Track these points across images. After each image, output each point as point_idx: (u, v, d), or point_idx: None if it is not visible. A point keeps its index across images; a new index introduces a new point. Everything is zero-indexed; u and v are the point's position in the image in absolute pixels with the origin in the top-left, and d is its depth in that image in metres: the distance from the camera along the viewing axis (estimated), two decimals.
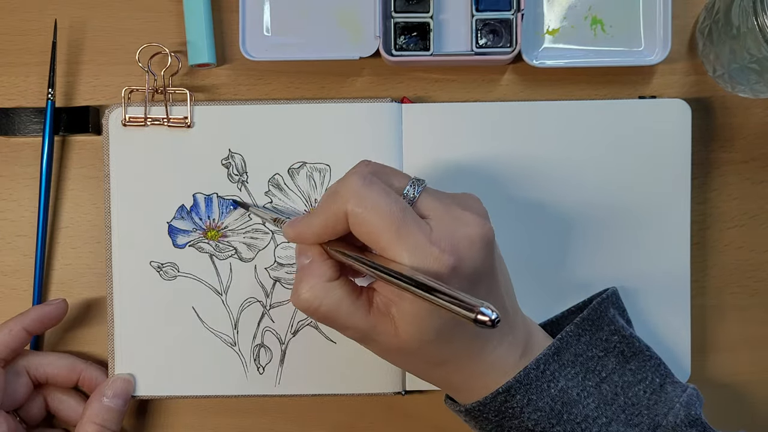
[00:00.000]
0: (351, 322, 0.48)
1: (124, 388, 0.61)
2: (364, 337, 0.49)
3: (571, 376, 0.51)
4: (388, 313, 0.48)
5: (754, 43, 0.55)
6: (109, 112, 0.61)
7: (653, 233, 0.61)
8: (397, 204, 0.46)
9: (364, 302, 0.49)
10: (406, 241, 0.45)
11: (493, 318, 0.38)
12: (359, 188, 0.46)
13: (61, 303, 0.61)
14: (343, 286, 0.49)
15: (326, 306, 0.48)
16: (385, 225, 0.45)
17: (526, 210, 0.61)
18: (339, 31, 0.63)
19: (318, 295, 0.48)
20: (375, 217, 0.46)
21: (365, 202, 0.46)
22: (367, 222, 0.46)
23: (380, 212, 0.46)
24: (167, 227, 0.61)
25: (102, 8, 0.64)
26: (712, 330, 0.64)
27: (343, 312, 0.48)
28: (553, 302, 0.61)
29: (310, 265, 0.49)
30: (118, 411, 0.60)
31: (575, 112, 0.61)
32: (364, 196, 0.46)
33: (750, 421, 0.64)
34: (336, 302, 0.48)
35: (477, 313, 0.39)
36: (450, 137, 0.61)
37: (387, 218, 0.45)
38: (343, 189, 0.47)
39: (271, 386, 0.62)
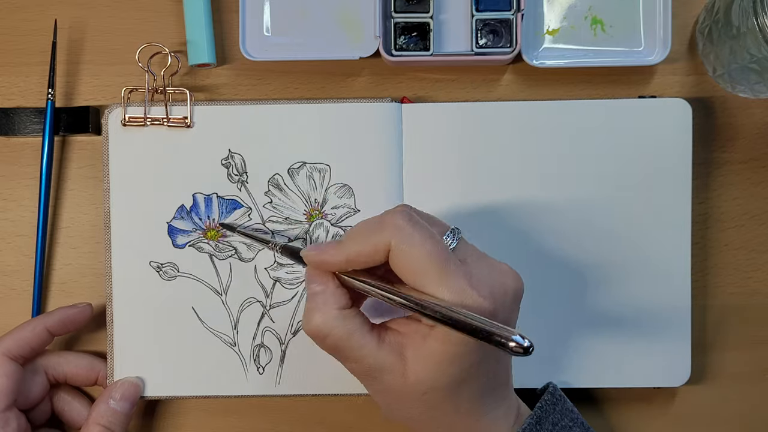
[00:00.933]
0: (359, 355, 0.48)
1: (132, 391, 0.60)
2: (367, 373, 0.49)
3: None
4: (400, 354, 0.48)
5: (754, 43, 0.55)
6: (108, 112, 0.61)
7: (653, 233, 0.61)
8: (441, 245, 0.47)
9: (375, 337, 0.48)
10: (448, 281, 0.46)
11: (525, 345, 0.40)
12: (405, 224, 0.47)
13: (85, 307, 0.61)
14: (355, 317, 0.49)
15: (337, 335, 0.48)
16: (431, 263, 0.46)
17: (525, 210, 0.61)
18: (339, 31, 0.63)
19: (330, 324, 0.48)
20: (421, 255, 0.46)
21: (411, 239, 0.46)
22: (411, 258, 0.46)
23: (426, 251, 0.46)
24: (167, 227, 0.61)
25: (102, 8, 0.64)
26: (712, 330, 0.64)
27: (353, 343, 0.48)
28: (553, 301, 0.61)
29: (324, 293, 0.49)
30: (124, 414, 0.60)
31: (575, 112, 0.61)
32: (410, 233, 0.47)
33: (750, 421, 0.64)
34: (348, 332, 0.48)
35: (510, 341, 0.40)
36: (450, 137, 0.61)
37: (433, 257, 0.46)
38: (387, 223, 0.47)
39: (271, 386, 0.62)
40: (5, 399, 0.57)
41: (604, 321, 0.61)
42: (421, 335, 0.47)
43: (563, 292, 0.61)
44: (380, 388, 0.50)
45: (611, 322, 0.61)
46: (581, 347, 0.61)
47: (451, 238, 0.49)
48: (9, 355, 0.58)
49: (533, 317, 0.61)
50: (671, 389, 0.64)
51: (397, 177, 0.61)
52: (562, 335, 0.61)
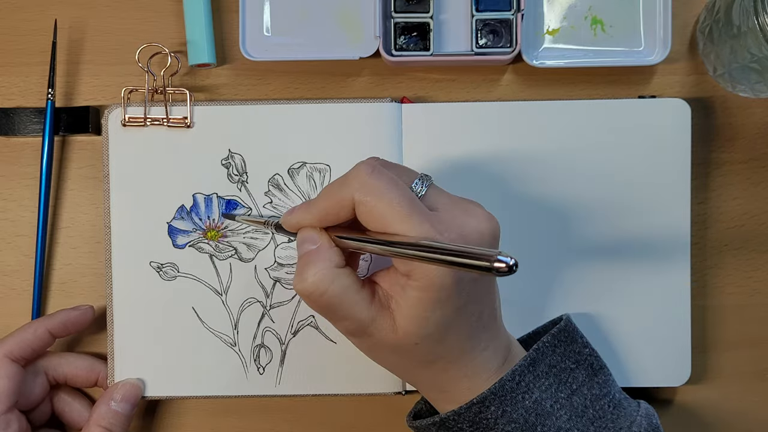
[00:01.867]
0: (352, 313, 0.48)
1: (133, 392, 0.60)
2: (359, 331, 0.49)
3: (545, 387, 0.52)
4: (388, 307, 0.48)
5: (755, 42, 0.55)
6: (108, 112, 0.61)
7: (653, 233, 0.61)
8: (405, 194, 0.46)
9: (368, 293, 0.48)
10: (414, 227, 0.45)
11: (510, 263, 0.37)
12: (367, 177, 0.47)
13: (87, 309, 0.61)
14: (350, 275, 0.48)
15: (332, 292, 0.47)
16: (394, 214, 0.45)
17: (525, 210, 0.61)
18: (339, 31, 0.63)
19: (325, 280, 0.47)
20: (383, 206, 0.46)
21: (373, 191, 0.46)
22: (375, 210, 0.46)
23: (388, 201, 0.46)
24: (167, 227, 0.61)
25: (102, 8, 0.64)
26: (712, 330, 0.64)
27: (347, 300, 0.48)
28: (554, 302, 0.61)
29: (318, 250, 0.48)
30: (125, 415, 0.60)
31: (575, 112, 0.61)
32: (372, 185, 0.46)
33: (750, 421, 0.64)
34: (342, 289, 0.48)
35: (495, 261, 0.37)
36: (450, 137, 0.61)
37: (395, 205, 0.46)
38: (350, 177, 0.47)
39: (272, 386, 0.62)
40: (6, 400, 0.57)
41: (604, 321, 0.61)
42: (401, 286, 0.47)
43: (563, 293, 0.61)
44: (373, 345, 0.50)
45: (611, 322, 0.61)
46: None
47: (420, 185, 0.49)
48: (10, 357, 0.58)
49: (533, 317, 0.61)
50: (671, 389, 0.64)
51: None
52: None
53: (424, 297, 0.46)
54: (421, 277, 0.46)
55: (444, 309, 0.47)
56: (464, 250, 0.40)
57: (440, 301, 0.46)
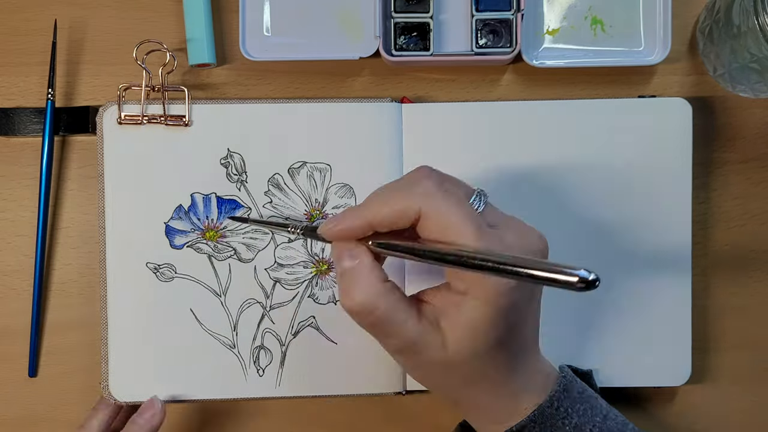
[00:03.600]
0: (401, 330, 0.47)
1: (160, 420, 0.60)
2: (406, 348, 0.48)
3: (582, 412, 0.51)
4: (437, 326, 0.47)
5: (755, 42, 0.55)
6: (102, 110, 0.61)
7: (654, 233, 0.61)
8: (472, 211, 0.46)
9: (415, 310, 0.47)
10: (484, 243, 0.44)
11: (590, 279, 0.37)
12: (435, 191, 0.46)
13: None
14: (396, 290, 0.47)
15: (382, 310, 0.46)
16: (465, 230, 0.45)
17: (525, 210, 0.61)
18: (339, 31, 0.63)
19: (374, 299, 0.46)
20: (454, 222, 0.45)
21: (443, 205, 0.45)
22: (444, 222, 0.45)
23: (459, 218, 0.45)
24: (164, 228, 0.61)
25: (102, 8, 0.64)
26: (712, 330, 0.64)
27: (396, 318, 0.46)
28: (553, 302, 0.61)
29: (360, 266, 0.47)
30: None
31: (575, 111, 0.61)
32: (441, 199, 0.46)
33: (750, 421, 0.64)
34: (392, 306, 0.46)
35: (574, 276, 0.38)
36: (450, 137, 0.61)
37: (467, 223, 0.45)
38: (416, 187, 0.46)
39: (272, 388, 0.62)
40: None
41: (605, 321, 0.61)
42: (455, 304, 0.46)
43: (562, 293, 0.61)
44: (419, 362, 0.49)
45: (611, 322, 0.61)
46: (581, 347, 0.61)
47: (479, 202, 0.48)
48: None
49: None
50: (671, 389, 0.64)
51: (397, 177, 0.61)
52: (563, 335, 0.61)
53: (481, 316, 0.46)
54: (480, 295, 0.45)
55: (498, 328, 0.46)
56: (547, 264, 0.40)
57: (495, 321, 0.46)
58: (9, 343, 0.64)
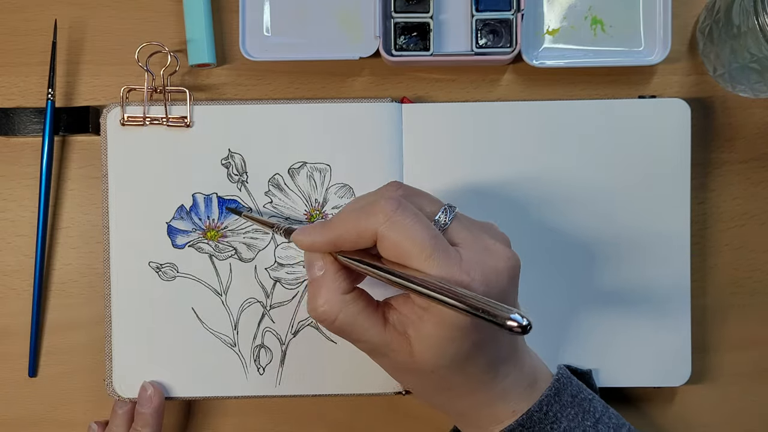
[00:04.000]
0: (366, 337, 0.48)
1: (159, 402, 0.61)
2: (375, 352, 0.49)
3: (572, 416, 0.51)
4: (404, 333, 0.47)
5: (755, 42, 0.55)
6: (107, 111, 0.61)
7: (653, 233, 0.61)
8: (429, 231, 0.46)
9: (380, 317, 0.48)
10: (436, 270, 0.45)
11: (524, 324, 0.38)
12: (392, 212, 0.46)
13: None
14: (358, 300, 0.48)
15: (342, 320, 0.48)
16: (418, 252, 0.45)
17: (525, 210, 0.61)
18: (339, 31, 0.63)
19: (334, 309, 0.48)
20: (408, 243, 0.45)
21: (398, 227, 0.46)
22: (398, 247, 0.45)
23: (413, 239, 0.45)
24: (166, 227, 0.61)
25: (102, 8, 0.64)
26: (712, 330, 0.64)
27: (358, 326, 0.48)
28: (553, 302, 0.61)
29: (324, 277, 0.49)
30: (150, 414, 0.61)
31: (575, 112, 0.61)
32: (396, 221, 0.46)
33: (750, 421, 0.64)
34: (352, 316, 0.48)
35: (507, 320, 0.38)
36: (450, 137, 0.61)
37: (419, 245, 0.45)
38: (375, 209, 0.46)
39: (272, 387, 0.62)
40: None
41: (604, 321, 0.61)
42: (418, 316, 0.47)
43: (563, 292, 0.61)
44: (389, 365, 0.50)
45: (611, 322, 0.61)
46: (581, 347, 0.61)
47: (445, 217, 0.48)
48: None
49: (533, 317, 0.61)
50: (671, 389, 0.64)
51: (397, 177, 0.61)
52: (563, 335, 0.61)
53: (440, 333, 0.46)
54: (438, 314, 0.45)
55: (461, 345, 0.46)
56: (480, 303, 0.40)
57: (456, 339, 0.46)
58: (9, 343, 0.64)
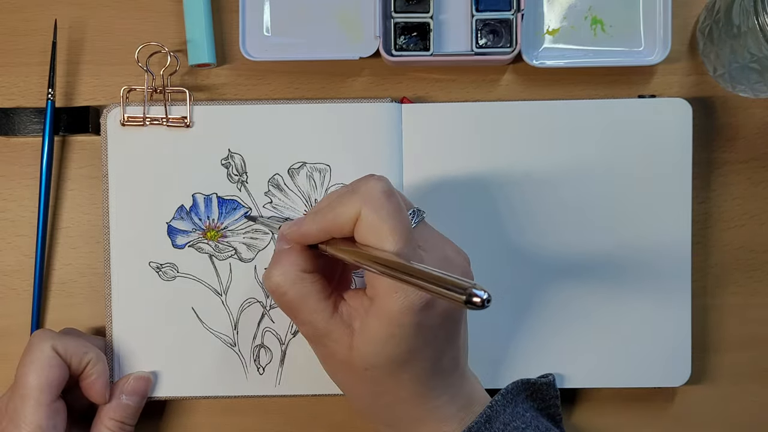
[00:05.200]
0: (311, 319, 0.49)
1: (142, 385, 0.60)
2: (316, 338, 0.50)
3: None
4: (349, 325, 0.48)
5: (755, 42, 0.55)
6: (107, 111, 0.61)
7: (654, 233, 0.61)
8: (406, 223, 0.47)
9: (330, 305, 0.49)
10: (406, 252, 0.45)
11: (484, 298, 0.37)
12: (380, 194, 0.47)
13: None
14: (314, 282, 0.49)
15: (293, 294, 0.49)
16: (392, 236, 0.45)
17: (525, 209, 0.61)
18: (339, 31, 0.63)
19: (287, 281, 0.49)
20: (386, 228, 0.46)
21: (381, 209, 0.46)
22: (375, 228, 0.46)
23: (392, 225, 0.46)
24: (166, 227, 0.61)
25: (102, 8, 0.64)
26: (712, 330, 0.64)
27: (307, 306, 0.49)
28: (553, 301, 0.61)
29: (289, 252, 0.50)
30: (136, 407, 0.60)
31: (575, 112, 0.61)
32: (382, 204, 0.46)
33: (750, 421, 0.64)
34: (304, 294, 0.49)
35: (469, 294, 0.38)
36: (450, 137, 0.61)
37: (396, 232, 0.46)
38: (362, 191, 0.47)
39: (272, 387, 0.62)
40: (56, 389, 0.56)
41: (604, 321, 0.61)
42: (364, 309, 0.48)
43: (563, 292, 0.61)
44: (327, 355, 0.51)
45: (611, 321, 0.61)
46: (581, 347, 0.61)
47: (413, 218, 0.49)
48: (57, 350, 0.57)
49: (533, 317, 0.61)
50: (671, 389, 0.64)
51: (397, 177, 0.61)
52: (562, 335, 0.61)
53: (380, 328, 0.46)
54: (383, 306, 0.46)
55: (398, 346, 0.47)
56: (443, 276, 0.40)
57: (394, 337, 0.46)
58: (9, 343, 0.64)
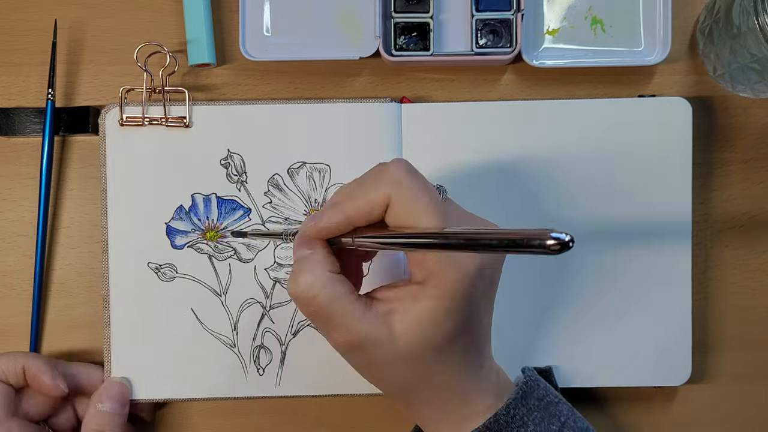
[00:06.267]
0: (345, 321, 0.46)
1: (118, 391, 0.60)
2: (352, 344, 0.47)
3: (538, 420, 0.51)
4: (386, 322, 0.47)
5: (755, 42, 0.55)
6: (105, 111, 0.61)
7: (654, 232, 0.61)
8: (436, 196, 0.47)
9: (362, 305, 0.47)
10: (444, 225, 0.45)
11: (566, 240, 0.35)
12: (405, 175, 0.47)
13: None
14: (344, 283, 0.47)
15: (324, 297, 0.46)
16: (429, 212, 0.45)
17: (525, 209, 0.61)
18: (339, 31, 0.63)
19: (317, 284, 0.46)
20: (420, 205, 0.46)
21: (411, 191, 0.46)
22: (412, 210, 0.46)
23: (425, 201, 0.46)
24: (165, 228, 0.61)
25: (102, 8, 0.64)
26: (712, 330, 0.64)
27: (339, 308, 0.46)
28: (553, 301, 0.61)
29: (313, 254, 0.48)
30: (115, 414, 0.59)
31: (575, 111, 0.61)
32: (409, 185, 0.46)
33: (750, 422, 0.64)
34: (335, 295, 0.46)
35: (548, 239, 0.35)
36: (450, 137, 0.61)
37: (431, 207, 0.46)
38: (386, 175, 0.47)
39: (272, 388, 0.62)
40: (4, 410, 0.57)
41: (605, 320, 0.61)
42: (412, 296, 0.47)
43: (563, 292, 0.61)
44: (367, 360, 0.48)
45: (611, 321, 0.61)
46: (581, 347, 0.61)
47: (439, 195, 0.49)
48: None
49: (533, 317, 0.61)
50: (671, 389, 0.64)
51: None
52: (563, 335, 0.61)
53: (439, 305, 0.46)
54: (441, 282, 0.46)
55: (453, 320, 0.46)
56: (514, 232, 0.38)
57: (452, 311, 0.46)
58: (9, 343, 0.64)
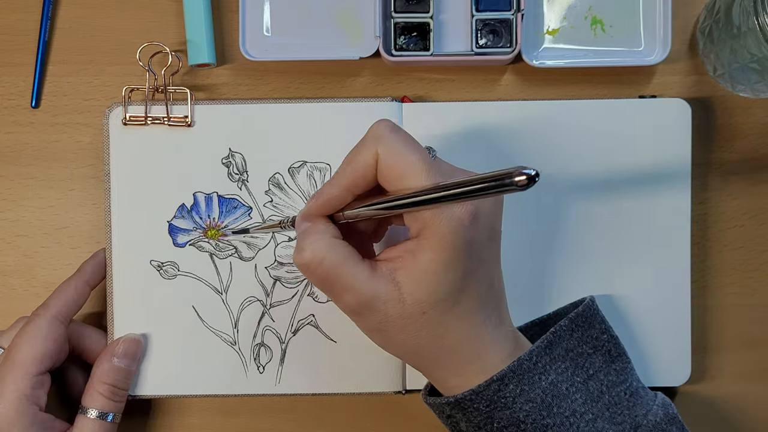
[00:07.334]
0: (353, 284, 0.47)
1: (134, 347, 0.60)
2: (361, 306, 0.48)
3: (561, 370, 0.52)
4: (392, 280, 0.47)
5: (755, 42, 0.55)
6: (109, 111, 0.61)
7: (653, 232, 0.61)
8: (423, 150, 0.47)
9: (368, 266, 0.48)
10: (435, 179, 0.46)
11: (532, 174, 0.38)
12: (389, 132, 0.47)
13: (99, 252, 0.62)
14: (347, 246, 0.48)
15: (330, 261, 0.47)
16: (416, 166, 0.46)
17: (524, 209, 0.61)
18: (339, 31, 0.63)
19: (322, 248, 0.47)
20: (407, 159, 0.46)
21: (397, 144, 0.47)
22: (398, 162, 0.46)
23: (411, 156, 0.46)
24: (167, 226, 0.61)
25: (102, 8, 0.64)
26: (712, 330, 0.64)
27: (346, 270, 0.47)
28: (553, 302, 0.61)
29: (314, 226, 0.49)
30: (128, 371, 0.60)
31: (575, 112, 0.61)
32: (394, 139, 0.47)
33: (750, 422, 0.64)
34: (341, 258, 0.47)
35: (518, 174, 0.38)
36: (450, 137, 0.61)
37: (418, 161, 0.46)
38: (371, 135, 0.48)
39: (272, 386, 0.62)
40: (48, 362, 0.57)
41: None
42: (411, 252, 0.47)
43: (563, 292, 0.61)
44: (377, 321, 0.48)
45: (611, 322, 0.61)
46: None
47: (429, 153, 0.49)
48: (59, 319, 0.58)
49: (532, 317, 0.61)
50: (671, 389, 0.64)
51: None
52: None
53: (436, 257, 0.46)
54: (434, 234, 0.46)
55: (455, 271, 0.47)
56: (483, 175, 0.40)
57: (452, 261, 0.46)
58: None
